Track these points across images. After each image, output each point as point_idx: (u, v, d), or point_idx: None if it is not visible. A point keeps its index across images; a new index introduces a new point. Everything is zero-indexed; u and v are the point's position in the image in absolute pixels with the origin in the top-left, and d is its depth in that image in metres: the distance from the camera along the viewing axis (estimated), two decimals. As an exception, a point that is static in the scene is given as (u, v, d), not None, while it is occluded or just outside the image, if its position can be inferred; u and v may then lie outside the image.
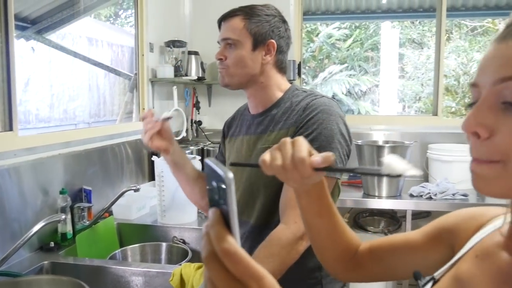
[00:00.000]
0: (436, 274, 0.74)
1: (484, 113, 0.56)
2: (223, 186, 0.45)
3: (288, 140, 0.76)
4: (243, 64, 1.38)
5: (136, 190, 1.97)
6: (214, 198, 0.48)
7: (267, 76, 1.41)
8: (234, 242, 0.45)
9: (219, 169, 0.46)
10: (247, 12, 1.38)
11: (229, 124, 1.61)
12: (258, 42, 1.38)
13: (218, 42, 1.43)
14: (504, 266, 0.63)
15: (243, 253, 0.45)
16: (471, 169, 0.59)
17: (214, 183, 0.47)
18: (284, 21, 1.45)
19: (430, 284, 0.74)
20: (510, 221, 0.65)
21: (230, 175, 0.44)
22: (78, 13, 2.69)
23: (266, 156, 0.77)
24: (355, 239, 0.94)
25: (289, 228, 1.20)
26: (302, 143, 0.75)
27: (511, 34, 0.56)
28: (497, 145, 0.55)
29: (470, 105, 0.61)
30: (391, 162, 0.68)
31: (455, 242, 0.77)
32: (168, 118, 1.42)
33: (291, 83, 1.48)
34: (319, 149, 1.24)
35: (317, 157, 0.73)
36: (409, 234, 0.89)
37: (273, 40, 1.39)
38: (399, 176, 0.68)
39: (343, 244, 0.91)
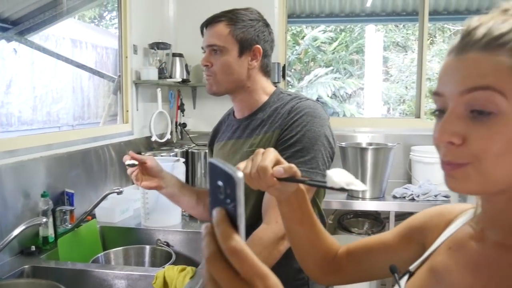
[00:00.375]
0: (412, 267, 0.79)
1: (455, 123, 0.61)
2: (232, 185, 0.45)
3: (260, 150, 0.80)
4: (230, 71, 1.38)
5: (119, 193, 1.96)
6: (219, 198, 0.48)
7: (253, 80, 1.42)
8: (241, 240, 0.45)
9: (227, 168, 0.46)
10: (231, 17, 1.38)
11: (216, 130, 1.62)
12: (244, 48, 1.39)
13: (203, 48, 1.42)
14: (476, 255, 0.68)
15: (249, 251, 0.45)
16: (445, 172, 0.64)
17: (220, 183, 0.47)
18: (267, 25, 1.46)
19: (406, 277, 0.78)
20: (479, 214, 0.71)
21: (240, 174, 0.44)
22: (61, 14, 2.67)
23: (241, 164, 0.81)
24: (334, 244, 0.97)
25: (271, 228, 1.21)
26: (270, 154, 0.79)
27: (470, 46, 0.61)
28: (470, 150, 0.60)
29: (434, 112, 0.67)
30: (333, 175, 0.73)
31: (426, 239, 0.82)
32: (133, 165, 1.44)
33: (275, 85, 1.49)
34: (302, 151, 1.26)
35: (280, 168, 0.77)
36: (382, 235, 0.93)
37: (258, 46, 1.40)
38: (341, 189, 0.72)
39: (323, 250, 0.94)
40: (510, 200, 0.63)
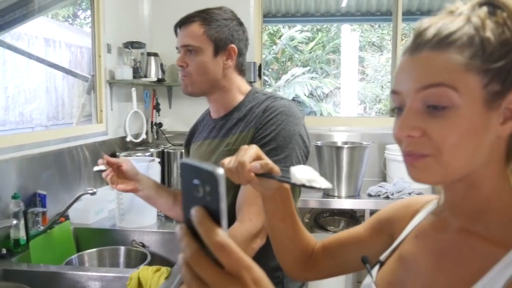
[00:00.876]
0: (382, 257, 0.83)
1: (413, 118, 0.65)
2: (212, 182, 0.45)
3: (244, 146, 0.83)
4: (206, 71, 1.38)
5: (93, 194, 1.93)
6: (195, 197, 0.48)
7: (229, 80, 1.42)
8: (225, 235, 0.46)
9: (206, 166, 0.46)
10: (205, 17, 1.38)
11: (193, 130, 1.62)
12: (219, 47, 1.39)
13: (177, 48, 1.42)
14: (440, 242, 0.73)
15: (234, 245, 0.46)
16: (407, 163, 0.69)
17: (197, 181, 0.47)
18: (241, 24, 1.46)
19: (377, 267, 0.82)
20: (442, 203, 0.76)
21: (221, 170, 0.45)
22: (32, 13, 2.62)
23: (225, 160, 0.83)
24: (312, 241, 1.00)
25: (244, 225, 1.21)
26: (251, 150, 0.82)
27: (422, 45, 0.65)
28: (429, 141, 0.64)
29: (393, 109, 0.71)
30: (297, 172, 0.75)
31: (394, 230, 0.86)
32: (101, 171, 1.45)
33: (251, 85, 1.50)
34: (277, 149, 1.27)
35: (256, 163, 0.79)
36: (354, 229, 0.97)
37: (233, 45, 1.40)
38: (303, 186, 0.74)
39: (302, 246, 0.98)
40: (469, 187, 0.68)
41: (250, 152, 0.81)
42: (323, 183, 0.74)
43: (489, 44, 0.62)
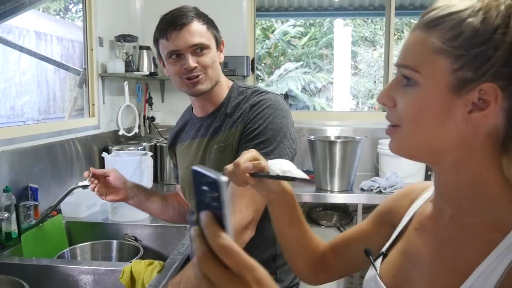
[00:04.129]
0: (384, 249, 0.84)
1: (393, 88, 0.70)
2: (217, 188, 0.49)
3: (244, 152, 0.86)
4: (216, 66, 1.39)
5: (85, 187, 1.90)
6: (204, 201, 0.52)
7: (220, 74, 1.43)
8: (229, 238, 0.49)
9: (211, 173, 0.50)
10: (199, 14, 1.38)
11: (177, 132, 1.60)
12: (218, 42, 1.41)
13: (175, 52, 1.35)
14: (439, 232, 0.74)
15: (237, 247, 0.49)
16: (386, 133, 0.73)
17: (205, 187, 0.51)
18: None
19: (380, 258, 0.83)
20: (435, 194, 0.76)
21: (224, 178, 0.49)
22: (23, 6, 2.59)
23: (229, 165, 0.86)
24: (321, 243, 1.02)
25: (235, 217, 1.21)
26: (248, 152, 0.86)
27: (417, 25, 0.68)
28: (397, 112, 0.69)
29: None
30: (271, 164, 0.82)
31: (394, 220, 0.87)
32: (84, 186, 1.49)
33: (241, 79, 1.50)
34: (265, 142, 1.28)
35: (249, 163, 0.83)
36: (359, 225, 0.99)
37: (223, 39, 1.41)
38: (277, 177, 0.82)
39: (311, 249, 1.00)
40: (450, 171, 0.69)
41: (247, 155, 0.85)
42: (298, 174, 0.80)
43: (471, 30, 0.61)
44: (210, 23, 1.38)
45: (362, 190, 2.72)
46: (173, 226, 2.01)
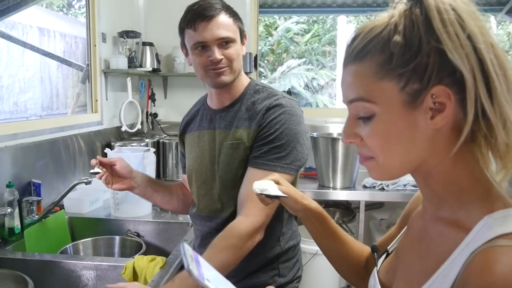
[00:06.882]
0: (389, 248, 0.87)
1: (352, 126, 0.70)
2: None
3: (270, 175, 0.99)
4: (240, 58, 1.40)
5: (88, 183, 1.92)
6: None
7: (242, 67, 1.43)
8: None
9: (185, 260, 0.62)
10: (226, 7, 1.37)
11: (187, 121, 1.59)
12: (242, 35, 1.41)
13: (200, 43, 1.33)
14: (419, 231, 0.76)
15: None
16: (360, 163, 0.75)
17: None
18: None
19: (383, 256, 0.87)
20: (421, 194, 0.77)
21: (188, 268, 0.62)
22: (26, 1, 2.59)
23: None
24: (365, 250, 1.04)
25: (249, 219, 1.26)
26: (270, 176, 0.98)
27: (348, 60, 0.69)
28: (368, 146, 0.69)
29: None
30: (255, 184, 0.95)
31: (408, 222, 0.88)
32: (95, 173, 1.46)
33: (249, 77, 1.50)
34: (280, 147, 1.32)
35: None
36: (391, 228, 0.99)
37: (245, 32, 1.42)
38: (256, 194, 0.94)
39: (353, 258, 1.01)
40: (424, 176, 0.71)
41: (267, 179, 0.97)
42: (273, 192, 0.93)
43: (399, 48, 0.62)
44: (236, 16, 1.38)
45: (365, 187, 2.72)
46: (175, 222, 2.01)
